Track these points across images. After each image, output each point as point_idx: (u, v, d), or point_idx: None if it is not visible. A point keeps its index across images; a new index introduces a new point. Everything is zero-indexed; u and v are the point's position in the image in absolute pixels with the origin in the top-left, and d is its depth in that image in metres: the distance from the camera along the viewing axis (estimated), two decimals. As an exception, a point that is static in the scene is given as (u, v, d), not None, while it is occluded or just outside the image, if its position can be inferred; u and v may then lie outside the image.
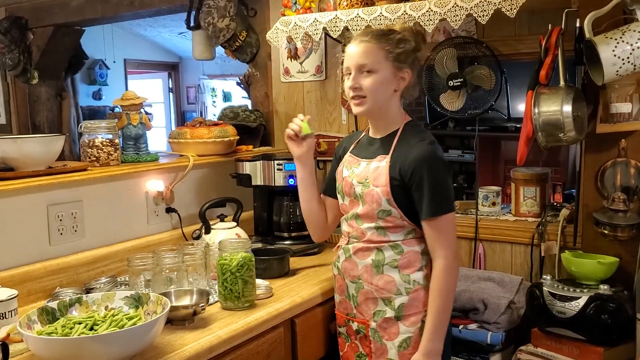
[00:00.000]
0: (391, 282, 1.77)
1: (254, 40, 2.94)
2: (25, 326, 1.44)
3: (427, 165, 1.70)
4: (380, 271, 1.78)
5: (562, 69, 2.01)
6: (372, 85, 1.75)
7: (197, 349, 1.56)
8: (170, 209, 2.40)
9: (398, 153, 1.76)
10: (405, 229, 1.77)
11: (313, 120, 2.86)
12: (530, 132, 2.01)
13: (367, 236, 1.80)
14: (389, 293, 1.78)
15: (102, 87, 6.98)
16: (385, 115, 1.82)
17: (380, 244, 1.78)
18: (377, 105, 1.78)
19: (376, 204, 1.76)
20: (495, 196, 2.51)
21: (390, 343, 1.78)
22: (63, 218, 2.02)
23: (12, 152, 1.95)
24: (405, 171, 1.72)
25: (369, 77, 1.75)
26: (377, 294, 1.79)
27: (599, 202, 2.06)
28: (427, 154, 1.72)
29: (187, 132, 2.58)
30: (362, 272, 1.81)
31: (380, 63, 1.74)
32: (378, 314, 1.80)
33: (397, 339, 1.77)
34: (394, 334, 1.78)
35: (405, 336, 1.77)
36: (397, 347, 1.77)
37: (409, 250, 1.77)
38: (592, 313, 1.86)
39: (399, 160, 1.74)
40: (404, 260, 1.76)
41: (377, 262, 1.78)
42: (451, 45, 2.39)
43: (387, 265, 1.77)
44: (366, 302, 1.82)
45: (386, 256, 1.77)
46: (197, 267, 1.94)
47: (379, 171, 1.77)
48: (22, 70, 4.10)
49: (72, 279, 2.00)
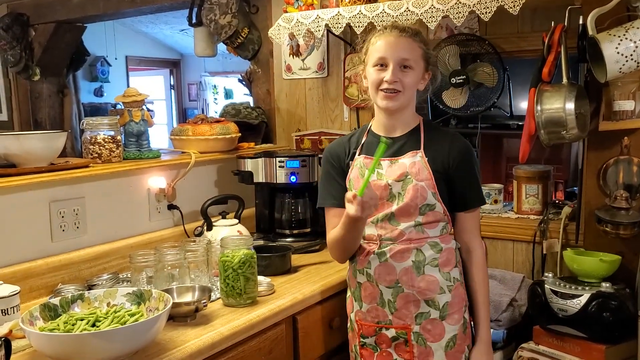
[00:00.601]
0: (434, 281, 1.73)
1: (256, 37, 2.94)
2: (28, 322, 1.44)
3: (472, 156, 1.79)
4: (422, 272, 1.73)
5: (564, 67, 2.00)
6: (411, 81, 1.74)
7: (199, 345, 1.56)
8: (172, 205, 2.40)
9: (433, 147, 1.76)
10: (440, 224, 1.77)
11: (315, 118, 2.86)
12: (532, 129, 2.01)
13: (405, 236, 1.74)
14: (432, 293, 1.73)
15: (103, 84, 6.97)
16: (406, 112, 1.81)
17: (420, 243, 1.74)
18: (406, 102, 1.79)
19: (421, 197, 1.72)
20: (497, 194, 2.51)
21: (437, 344, 1.73)
22: (65, 215, 2.02)
23: (14, 149, 1.95)
24: (449, 163, 1.75)
25: (408, 73, 1.73)
26: (419, 296, 1.74)
27: (601, 199, 2.06)
28: (469, 148, 1.79)
29: (189, 129, 2.58)
30: (402, 275, 1.74)
31: (418, 61, 1.75)
32: (421, 316, 1.74)
33: (443, 340, 1.74)
34: (439, 334, 1.74)
35: (451, 335, 1.74)
36: (443, 347, 1.73)
37: (447, 247, 1.76)
38: (594, 311, 1.86)
39: (439, 154, 1.76)
40: (443, 259, 1.75)
41: (417, 263, 1.73)
42: (454, 43, 2.38)
43: (428, 265, 1.73)
44: (407, 306, 1.75)
45: (427, 256, 1.74)
46: (199, 264, 1.94)
47: (418, 166, 1.73)
48: (24, 67, 4.10)
49: (74, 276, 2.01)
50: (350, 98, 2.71)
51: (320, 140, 2.82)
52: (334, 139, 2.78)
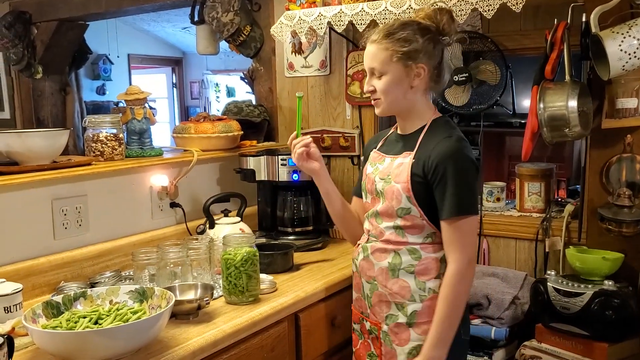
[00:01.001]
0: (406, 287, 1.72)
1: (258, 34, 2.93)
2: (30, 320, 1.45)
3: (453, 162, 1.64)
4: (396, 275, 1.73)
5: (567, 64, 2.00)
6: (383, 87, 1.72)
7: (202, 343, 1.56)
8: (174, 203, 2.40)
9: (423, 149, 1.70)
10: (425, 231, 1.71)
11: (317, 116, 2.86)
12: (535, 127, 2.00)
13: (385, 236, 1.76)
14: (402, 298, 1.72)
15: (105, 82, 6.98)
16: (409, 112, 1.77)
17: (398, 247, 1.73)
18: (394, 105, 1.75)
19: (396, 200, 1.71)
20: (500, 192, 2.51)
21: (400, 349, 1.73)
22: (67, 212, 2.03)
23: (17, 147, 1.96)
24: (428, 167, 1.66)
25: (380, 80, 1.72)
26: (390, 298, 1.75)
27: (604, 197, 2.06)
28: (453, 150, 1.65)
29: (191, 127, 2.57)
30: (378, 273, 1.77)
31: (387, 65, 1.70)
32: (390, 317, 1.75)
33: (407, 346, 1.72)
34: (404, 340, 1.73)
35: (415, 344, 1.71)
36: (406, 353, 1.72)
37: (427, 256, 1.71)
38: (596, 309, 1.86)
39: (423, 157, 1.68)
40: (421, 267, 1.71)
41: (393, 265, 1.73)
42: (456, 40, 2.37)
43: (403, 270, 1.72)
44: (379, 304, 1.78)
45: (403, 260, 1.72)
46: (202, 261, 1.94)
47: (402, 167, 1.72)
48: (26, 65, 4.10)
49: (76, 273, 2.01)
50: (352, 96, 2.70)
51: (323, 138, 2.82)
52: (336, 137, 2.79)
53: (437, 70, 1.73)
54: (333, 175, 2.83)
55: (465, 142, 1.71)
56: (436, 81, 1.75)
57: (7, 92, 4.49)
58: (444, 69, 1.75)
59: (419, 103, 1.76)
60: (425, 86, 1.73)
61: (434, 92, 1.80)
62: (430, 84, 1.74)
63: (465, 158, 1.67)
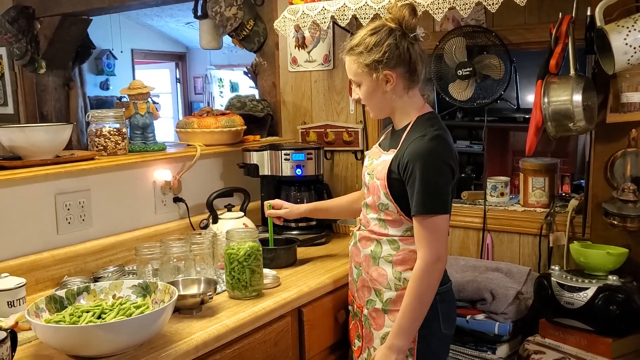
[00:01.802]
0: (383, 275, 1.79)
1: (262, 29, 2.93)
2: (34, 314, 1.45)
3: (420, 161, 1.66)
4: (376, 263, 1.80)
5: (572, 58, 1.98)
6: (363, 96, 1.79)
7: (205, 337, 1.56)
8: (177, 198, 2.40)
9: (402, 147, 1.74)
10: (404, 225, 1.77)
11: (320, 110, 2.85)
12: (539, 121, 1.99)
13: (370, 226, 1.83)
14: (380, 285, 1.80)
15: (109, 77, 6.98)
16: (396, 112, 1.81)
17: (380, 237, 1.80)
18: (379, 109, 1.83)
19: (376, 196, 1.79)
20: (504, 186, 2.50)
21: (377, 333, 1.82)
22: (71, 207, 2.03)
23: (20, 141, 1.96)
24: (402, 165, 1.70)
25: (360, 89, 1.79)
26: (370, 284, 1.83)
27: (608, 192, 2.05)
28: (421, 149, 1.67)
29: (195, 121, 2.57)
30: (362, 260, 1.85)
31: (358, 75, 1.76)
32: (370, 302, 1.83)
33: (381, 331, 1.80)
34: (380, 325, 1.81)
35: (388, 329, 1.76)
36: (381, 338, 1.80)
37: (405, 248, 1.76)
38: (600, 304, 1.85)
39: (399, 154, 1.73)
40: (399, 257, 1.77)
41: (374, 253, 1.81)
42: (460, 34, 2.37)
43: (382, 259, 1.79)
44: (362, 289, 1.87)
45: (383, 249, 1.79)
46: (205, 256, 1.94)
47: (383, 165, 1.78)
48: (30, 60, 4.11)
49: (80, 268, 2.01)
50: (355, 90, 2.70)
51: (326, 132, 2.81)
52: (339, 132, 2.79)
53: (408, 71, 1.74)
54: (336, 170, 2.83)
55: (441, 140, 1.70)
56: (411, 80, 1.76)
57: (11, 87, 4.49)
58: (418, 65, 1.75)
59: (402, 102, 1.79)
60: (402, 87, 1.76)
61: (419, 87, 1.80)
62: (406, 83, 1.76)
63: (434, 157, 1.68)
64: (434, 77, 2.44)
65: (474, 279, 2.16)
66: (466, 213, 2.47)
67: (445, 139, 1.71)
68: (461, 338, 2.14)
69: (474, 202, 2.54)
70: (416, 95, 1.80)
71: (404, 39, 1.71)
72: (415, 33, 1.73)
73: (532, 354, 1.98)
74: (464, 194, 2.59)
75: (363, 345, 1.88)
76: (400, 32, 1.71)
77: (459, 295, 2.15)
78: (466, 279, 2.18)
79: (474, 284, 2.14)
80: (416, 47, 1.74)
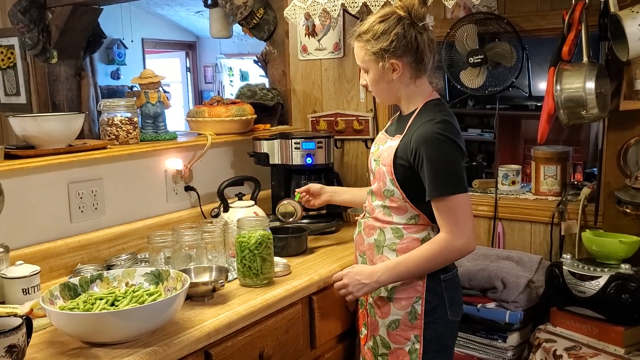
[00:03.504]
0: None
1: (272, 17, 2.92)
2: (48, 301, 1.47)
3: (428, 144, 1.66)
4: (380, 251, 1.80)
5: (585, 45, 1.96)
6: (370, 82, 1.80)
7: (217, 324, 1.57)
8: (189, 187, 2.41)
9: (409, 133, 1.73)
10: (408, 212, 1.76)
11: (331, 99, 2.85)
12: (551, 109, 1.98)
13: (375, 213, 1.83)
14: None
15: (120, 67, 7.00)
16: (402, 99, 1.81)
17: (384, 225, 1.79)
18: (385, 96, 1.84)
19: (382, 182, 1.78)
20: (515, 175, 2.49)
21: (382, 321, 1.81)
22: (83, 196, 2.04)
23: (33, 130, 1.97)
24: (410, 152, 1.69)
25: (367, 76, 1.80)
26: None
27: (621, 180, 2.03)
28: (429, 133, 1.67)
29: (205, 110, 2.58)
30: (367, 248, 1.85)
31: (366, 62, 1.77)
32: (375, 291, 1.82)
33: (387, 319, 1.80)
34: (385, 313, 1.80)
35: (394, 317, 1.78)
36: (386, 326, 1.80)
37: (409, 236, 1.75)
38: (612, 292, 1.84)
39: (406, 141, 1.72)
40: (403, 245, 1.76)
41: (378, 242, 1.81)
42: (472, 22, 2.35)
43: (386, 247, 1.79)
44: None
45: (387, 238, 1.78)
46: (216, 244, 1.95)
47: (389, 150, 1.77)
48: (42, 50, 4.12)
49: (93, 256, 2.03)
50: (366, 79, 2.69)
51: (336, 121, 2.81)
52: (350, 120, 2.78)
53: (415, 60, 1.73)
54: (347, 159, 2.83)
55: (446, 123, 1.69)
56: (418, 69, 1.75)
57: (23, 77, 4.52)
58: (425, 54, 1.74)
59: (408, 90, 1.78)
60: (408, 75, 1.75)
61: (426, 75, 1.79)
62: (413, 72, 1.75)
63: (440, 138, 1.66)
64: (445, 64, 2.43)
65: (485, 268, 2.16)
66: (477, 201, 2.46)
67: (452, 124, 1.71)
68: (472, 326, 2.14)
69: (485, 190, 2.53)
70: (424, 83, 1.79)
71: (412, 28, 1.71)
72: (424, 22, 1.72)
73: (543, 343, 1.98)
74: (475, 182, 2.59)
75: (368, 333, 1.89)
76: (409, 21, 1.71)
77: (470, 284, 2.15)
78: (477, 267, 2.18)
79: (485, 272, 2.14)
80: (424, 36, 1.73)
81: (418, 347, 1.76)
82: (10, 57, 4.55)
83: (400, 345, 1.78)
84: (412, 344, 1.76)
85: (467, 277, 2.15)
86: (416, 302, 1.75)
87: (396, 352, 1.79)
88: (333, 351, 2.06)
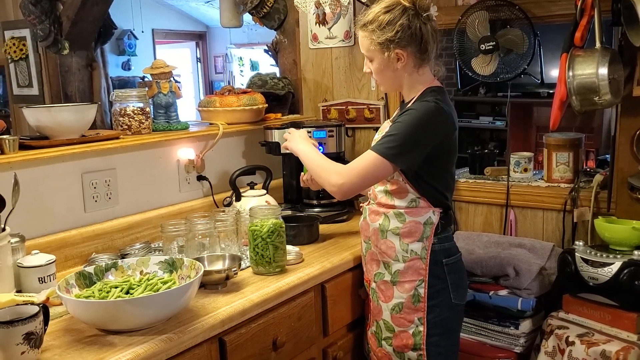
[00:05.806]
0: (392, 247, 1.82)
1: (282, 6, 2.91)
2: (64, 290, 1.49)
3: (407, 115, 1.73)
4: (385, 236, 1.83)
5: (598, 30, 1.95)
6: (374, 71, 1.84)
7: (230, 312, 1.59)
8: (201, 176, 2.42)
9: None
10: (409, 195, 1.79)
11: (342, 87, 2.84)
12: (564, 95, 1.97)
13: (378, 199, 1.87)
14: (388, 258, 1.83)
15: (131, 58, 7.02)
16: (404, 88, 1.86)
17: (387, 210, 1.83)
18: (389, 85, 1.88)
19: None
20: (527, 162, 2.48)
21: (385, 305, 1.85)
22: (97, 186, 2.06)
23: (46, 121, 1.99)
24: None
25: (371, 64, 1.83)
26: (380, 257, 1.86)
27: (634, 167, 2.02)
28: (414, 106, 1.74)
29: (216, 100, 2.58)
30: (372, 234, 1.88)
31: (371, 51, 1.80)
32: (378, 275, 1.87)
33: (390, 302, 1.83)
34: (388, 297, 1.84)
35: (398, 301, 1.82)
36: (390, 309, 1.83)
37: (412, 220, 1.79)
38: (625, 279, 1.84)
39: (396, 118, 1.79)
40: (405, 229, 1.80)
41: (382, 226, 1.84)
42: (483, 8, 2.33)
43: (390, 232, 1.82)
44: (371, 263, 1.91)
45: (391, 223, 1.82)
46: (229, 233, 1.97)
47: (384, 132, 1.81)
48: (53, 41, 4.14)
49: (107, 245, 2.05)
50: (377, 67, 2.68)
51: (347, 110, 2.80)
52: (360, 109, 2.78)
53: (419, 50, 1.77)
54: (358, 148, 2.83)
55: (438, 109, 1.73)
56: (422, 58, 1.79)
57: (35, 69, 4.55)
58: (429, 44, 1.77)
59: (411, 79, 1.82)
60: (412, 65, 1.79)
61: (428, 64, 1.82)
62: (417, 61, 1.79)
63: (421, 115, 1.71)
64: (456, 52, 2.42)
65: (497, 255, 2.16)
66: (489, 189, 2.45)
67: (443, 109, 1.74)
68: (484, 314, 2.15)
69: (497, 178, 2.52)
70: (426, 72, 1.83)
71: (417, 18, 1.74)
72: (428, 12, 1.76)
73: (556, 329, 1.98)
74: (487, 169, 2.58)
75: (372, 319, 1.92)
76: (414, 11, 1.74)
77: (482, 271, 2.15)
78: (489, 254, 2.18)
79: (497, 259, 2.14)
80: (428, 26, 1.76)
81: (422, 330, 1.79)
82: (23, 49, 4.58)
83: (404, 328, 1.81)
84: (416, 327, 1.80)
85: (480, 265, 2.16)
86: (419, 285, 1.79)
87: (400, 335, 1.82)
88: (345, 339, 2.08)
